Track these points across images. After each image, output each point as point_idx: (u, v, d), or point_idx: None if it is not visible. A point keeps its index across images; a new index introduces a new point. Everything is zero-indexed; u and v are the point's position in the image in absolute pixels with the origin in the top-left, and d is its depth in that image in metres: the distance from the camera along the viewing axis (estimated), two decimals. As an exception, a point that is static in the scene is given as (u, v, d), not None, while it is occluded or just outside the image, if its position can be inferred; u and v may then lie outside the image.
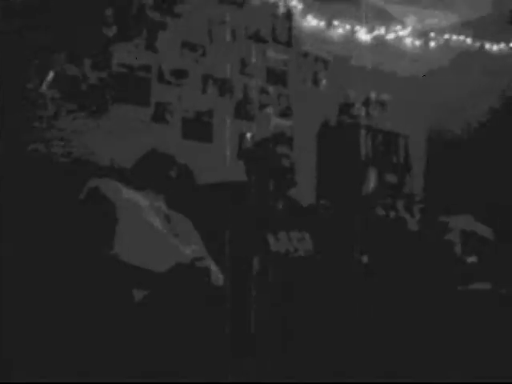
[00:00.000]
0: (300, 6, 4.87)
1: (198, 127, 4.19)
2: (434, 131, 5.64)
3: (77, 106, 3.55)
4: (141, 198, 2.64)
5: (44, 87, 3.36)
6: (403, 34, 5.48)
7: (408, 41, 5.51)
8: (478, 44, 5.64)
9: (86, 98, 3.61)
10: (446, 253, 3.62)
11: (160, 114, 4.01)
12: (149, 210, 2.59)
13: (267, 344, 2.74)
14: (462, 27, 5.54)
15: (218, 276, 2.68)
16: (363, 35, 5.27)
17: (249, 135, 4.40)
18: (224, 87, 4.34)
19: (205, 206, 3.01)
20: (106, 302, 2.47)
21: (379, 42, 5.34)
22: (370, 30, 5.30)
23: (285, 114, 4.70)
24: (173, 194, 2.84)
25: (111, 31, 3.75)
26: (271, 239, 3.05)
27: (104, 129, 3.66)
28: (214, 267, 2.68)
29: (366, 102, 5.12)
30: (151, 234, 2.55)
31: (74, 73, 3.54)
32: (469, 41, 5.61)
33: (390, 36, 5.41)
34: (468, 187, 4.93)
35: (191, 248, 2.63)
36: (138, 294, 2.50)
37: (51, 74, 3.37)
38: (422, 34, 5.57)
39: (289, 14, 4.80)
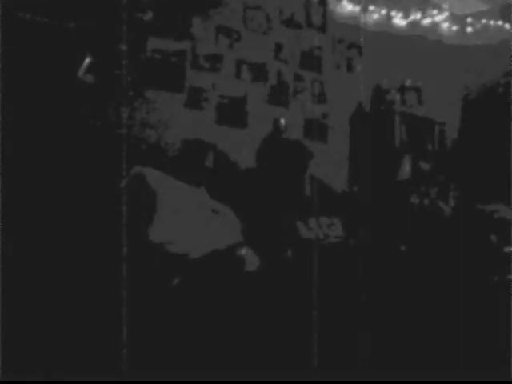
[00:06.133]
0: (335, -9, 4.82)
1: (232, 113, 4.19)
2: (469, 116, 5.55)
3: (112, 91, 3.56)
4: (182, 186, 2.66)
5: (81, 72, 3.38)
6: (440, 20, 5.40)
7: (445, 26, 5.42)
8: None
9: (122, 83, 3.62)
10: (482, 242, 3.58)
11: (194, 100, 4.01)
12: (190, 198, 2.61)
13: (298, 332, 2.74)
14: (501, 12, 5.43)
15: (253, 260, 2.68)
16: (399, 20, 5.20)
17: (282, 121, 4.38)
18: (258, 72, 4.33)
19: (239, 193, 3.01)
20: (140, 288, 2.49)
21: (415, 27, 5.26)
22: (406, 15, 5.23)
23: (319, 99, 4.67)
24: (212, 181, 2.85)
25: (147, 16, 3.75)
26: (301, 226, 3.03)
27: (139, 115, 3.68)
28: (249, 252, 2.68)
29: (401, 89, 5.06)
30: (191, 220, 2.56)
31: (110, 58, 3.55)
32: (507, 26, 5.49)
33: (427, 21, 5.33)
34: (505, 175, 4.85)
35: (229, 235, 2.65)
36: (174, 279, 2.52)
37: (88, 60, 3.39)
38: (460, 19, 5.47)
39: (323, -1, 4.76)
